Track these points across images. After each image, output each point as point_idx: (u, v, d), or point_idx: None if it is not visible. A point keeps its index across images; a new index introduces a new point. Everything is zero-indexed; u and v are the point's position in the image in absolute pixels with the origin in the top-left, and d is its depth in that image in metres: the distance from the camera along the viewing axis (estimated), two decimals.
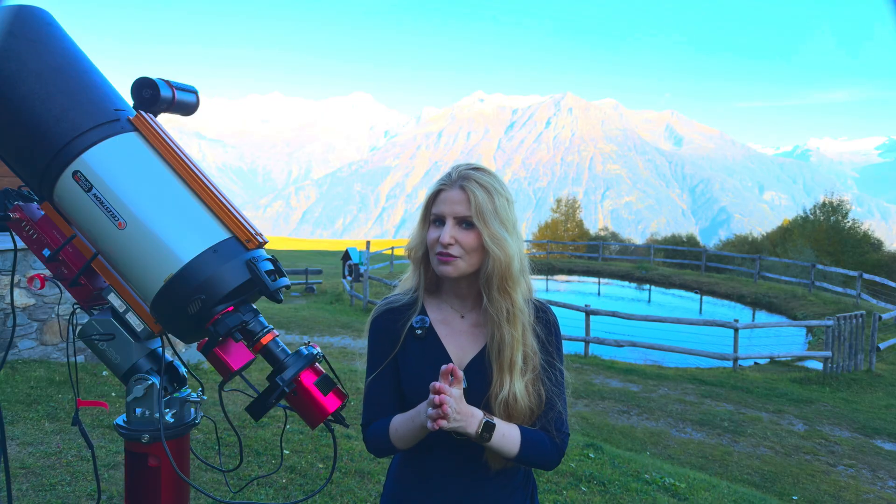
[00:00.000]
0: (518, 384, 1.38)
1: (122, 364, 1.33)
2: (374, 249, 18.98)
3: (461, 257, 1.39)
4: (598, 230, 54.95)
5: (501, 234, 1.38)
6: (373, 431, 1.46)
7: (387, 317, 1.50)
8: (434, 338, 1.46)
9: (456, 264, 1.39)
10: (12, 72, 1.24)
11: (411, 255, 1.50)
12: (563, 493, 4.20)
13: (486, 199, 1.38)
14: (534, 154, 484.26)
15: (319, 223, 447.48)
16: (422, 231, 1.46)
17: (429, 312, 1.49)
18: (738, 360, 10.90)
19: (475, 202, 1.38)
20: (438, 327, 1.48)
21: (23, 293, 5.83)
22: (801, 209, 36.89)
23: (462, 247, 1.39)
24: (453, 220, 1.39)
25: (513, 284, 1.40)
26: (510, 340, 1.39)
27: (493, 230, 1.37)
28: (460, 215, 1.39)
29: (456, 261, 1.39)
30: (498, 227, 1.38)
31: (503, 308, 1.39)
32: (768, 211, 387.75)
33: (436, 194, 1.43)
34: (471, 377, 1.42)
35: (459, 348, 1.46)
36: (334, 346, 10.77)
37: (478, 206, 1.38)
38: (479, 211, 1.37)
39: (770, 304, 19.32)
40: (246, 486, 3.57)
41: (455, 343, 1.46)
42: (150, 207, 1.24)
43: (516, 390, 1.38)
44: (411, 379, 1.45)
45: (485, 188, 1.39)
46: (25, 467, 3.61)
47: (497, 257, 1.37)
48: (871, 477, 6.27)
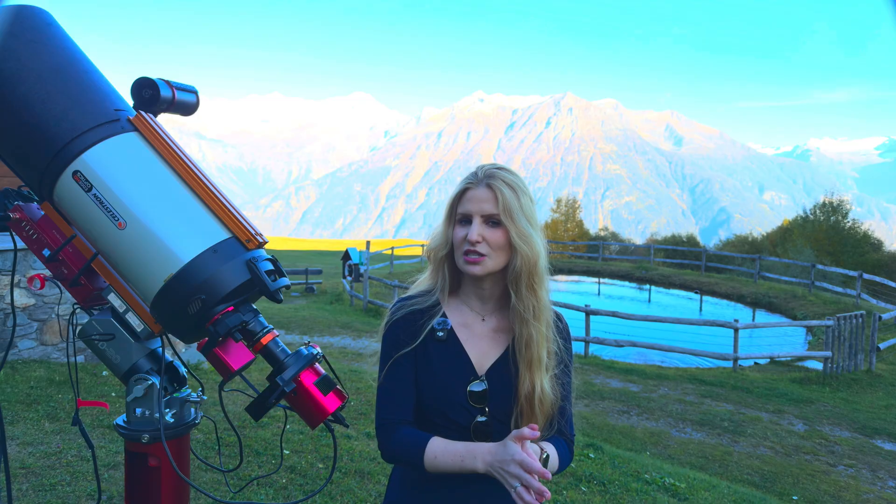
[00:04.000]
0: (545, 380, 1.41)
1: (122, 364, 1.33)
2: (374, 249, 18.99)
3: (488, 256, 1.39)
4: (598, 230, 54.97)
5: (528, 230, 1.39)
6: (399, 441, 1.38)
7: (407, 317, 1.47)
8: (455, 341, 1.45)
9: (484, 263, 1.39)
10: (12, 72, 1.24)
11: (432, 256, 1.49)
12: (563, 493, 4.20)
13: (513, 196, 1.38)
14: (534, 154, 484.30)
15: (319, 223, 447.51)
16: (447, 230, 1.45)
17: (448, 315, 1.48)
18: (738, 360, 10.90)
19: (502, 200, 1.38)
20: (459, 331, 1.46)
21: (23, 293, 5.83)
22: (801, 209, 36.92)
23: (489, 245, 1.38)
24: (480, 218, 1.39)
25: (539, 281, 1.41)
26: (537, 337, 1.40)
27: (520, 228, 1.38)
28: (487, 213, 1.38)
29: (483, 259, 1.39)
30: (525, 225, 1.38)
31: (530, 305, 1.40)
32: (768, 211, 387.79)
33: (462, 193, 1.42)
34: (492, 381, 1.42)
35: (480, 352, 1.45)
36: (334, 346, 10.77)
37: (505, 204, 1.38)
38: (507, 208, 1.37)
39: (770, 304, 19.31)
40: (246, 486, 3.57)
41: (476, 347, 1.45)
42: (150, 207, 1.24)
43: (545, 385, 1.40)
44: (431, 382, 1.43)
45: (511, 186, 1.39)
46: (25, 467, 3.61)
47: (525, 254, 1.38)
48: (871, 477, 6.27)
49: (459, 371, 1.43)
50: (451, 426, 1.42)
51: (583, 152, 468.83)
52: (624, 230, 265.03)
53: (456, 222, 1.42)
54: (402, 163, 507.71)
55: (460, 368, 1.43)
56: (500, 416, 1.43)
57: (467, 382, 1.42)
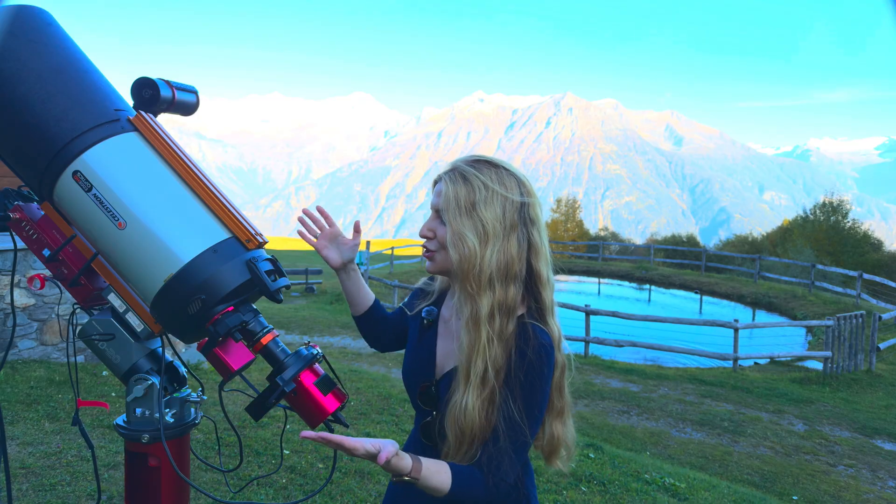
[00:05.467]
0: (469, 397, 1.25)
1: (122, 364, 1.33)
2: (374, 249, 18.98)
3: (437, 252, 1.36)
4: (598, 230, 54.98)
5: (464, 231, 1.27)
6: None
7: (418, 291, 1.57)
8: (433, 334, 1.46)
9: (434, 259, 1.37)
10: (12, 72, 1.24)
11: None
12: (563, 493, 4.20)
13: (461, 192, 1.28)
14: (534, 154, 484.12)
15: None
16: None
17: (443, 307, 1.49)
18: (738, 360, 10.90)
19: (444, 194, 1.31)
20: (441, 323, 1.47)
21: (23, 293, 5.83)
22: (801, 209, 36.91)
23: (439, 241, 1.34)
24: (434, 212, 1.37)
25: (477, 289, 1.27)
26: (466, 346, 1.28)
27: (456, 227, 1.28)
28: (435, 207, 1.36)
29: (433, 255, 1.37)
30: (464, 225, 1.27)
31: (465, 311, 1.30)
32: (768, 211, 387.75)
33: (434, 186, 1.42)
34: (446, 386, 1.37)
35: (447, 351, 1.42)
36: (334, 346, 10.77)
37: (446, 199, 1.30)
38: (446, 204, 1.30)
39: (770, 304, 19.31)
40: (246, 486, 3.57)
41: (446, 345, 1.43)
42: (150, 207, 1.24)
43: (467, 402, 1.25)
44: (406, 367, 1.47)
45: (467, 180, 1.29)
46: (25, 467, 3.61)
47: (455, 258, 1.28)
48: (871, 477, 6.27)
49: (422, 367, 1.42)
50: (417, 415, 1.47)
51: (583, 152, 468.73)
52: (624, 230, 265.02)
53: None
54: (402, 163, 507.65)
55: (424, 364, 1.42)
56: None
57: (423, 381, 1.41)
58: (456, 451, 1.29)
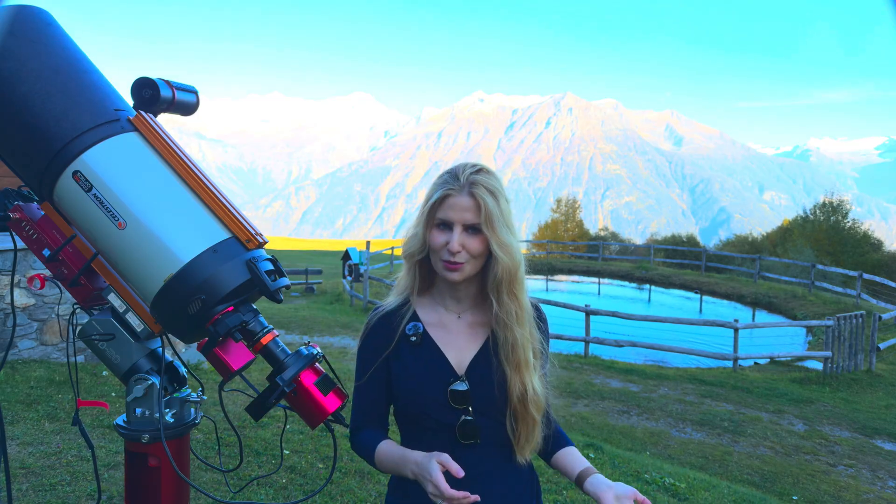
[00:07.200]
0: (535, 380, 1.42)
1: (122, 364, 1.33)
2: (374, 249, 18.97)
3: (467, 262, 1.39)
4: (598, 230, 54.96)
5: (508, 239, 1.38)
6: (359, 444, 1.50)
7: (381, 321, 1.49)
8: (430, 343, 1.45)
9: (462, 270, 1.39)
10: (12, 71, 1.24)
11: (407, 258, 1.47)
12: (563, 493, 4.19)
13: (494, 204, 1.37)
14: (534, 154, 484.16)
15: (319, 223, 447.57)
16: (424, 233, 1.41)
17: (421, 315, 1.48)
18: (738, 360, 10.90)
19: (485, 209, 1.36)
20: (434, 331, 1.46)
21: (23, 293, 5.83)
22: (801, 209, 36.91)
23: (469, 252, 1.38)
24: (461, 227, 1.37)
25: (520, 287, 1.41)
26: (522, 341, 1.40)
27: (501, 237, 1.37)
28: (469, 223, 1.37)
29: (462, 266, 1.39)
30: (505, 234, 1.38)
31: (512, 310, 1.40)
32: (768, 211, 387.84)
33: (442, 199, 1.38)
34: (473, 379, 1.41)
35: (458, 351, 1.44)
36: (334, 346, 10.78)
37: (487, 214, 1.36)
38: (489, 218, 1.36)
39: (770, 304, 19.32)
40: (246, 486, 3.57)
41: (453, 346, 1.45)
42: (150, 207, 1.24)
43: (536, 386, 1.41)
44: (409, 387, 1.43)
45: (492, 193, 1.38)
46: (25, 467, 3.61)
47: (506, 264, 1.37)
48: (871, 477, 6.27)
49: (439, 372, 1.42)
50: (438, 427, 1.42)
51: (583, 152, 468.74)
52: (624, 230, 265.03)
53: (434, 226, 1.40)
54: (402, 163, 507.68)
55: (439, 370, 1.42)
56: (486, 412, 1.41)
57: (448, 383, 1.41)
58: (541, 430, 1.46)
